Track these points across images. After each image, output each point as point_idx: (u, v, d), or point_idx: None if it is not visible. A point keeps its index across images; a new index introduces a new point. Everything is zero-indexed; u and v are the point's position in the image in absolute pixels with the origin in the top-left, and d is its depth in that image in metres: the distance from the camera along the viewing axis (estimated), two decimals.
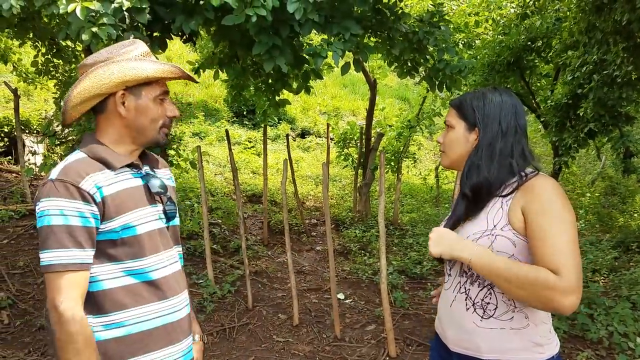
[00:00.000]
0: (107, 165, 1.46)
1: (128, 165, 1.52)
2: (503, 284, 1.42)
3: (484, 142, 1.56)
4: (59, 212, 1.37)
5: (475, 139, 1.60)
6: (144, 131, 1.53)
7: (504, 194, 1.51)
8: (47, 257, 1.36)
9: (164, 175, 1.68)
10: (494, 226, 1.49)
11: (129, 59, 1.47)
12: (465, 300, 1.58)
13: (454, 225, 1.59)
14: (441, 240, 1.52)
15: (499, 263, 1.42)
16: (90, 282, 1.43)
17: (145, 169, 1.58)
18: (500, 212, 1.50)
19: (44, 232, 1.38)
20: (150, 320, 1.50)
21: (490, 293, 1.53)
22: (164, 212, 1.58)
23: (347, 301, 4.99)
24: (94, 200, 1.40)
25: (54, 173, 1.42)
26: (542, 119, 8.45)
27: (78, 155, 1.48)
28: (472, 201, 1.55)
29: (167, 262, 1.57)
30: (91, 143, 1.50)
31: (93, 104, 1.49)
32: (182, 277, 1.65)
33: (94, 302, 1.45)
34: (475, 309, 1.55)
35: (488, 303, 1.53)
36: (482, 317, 1.54)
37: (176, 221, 1.68)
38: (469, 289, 1.57)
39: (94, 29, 2.79)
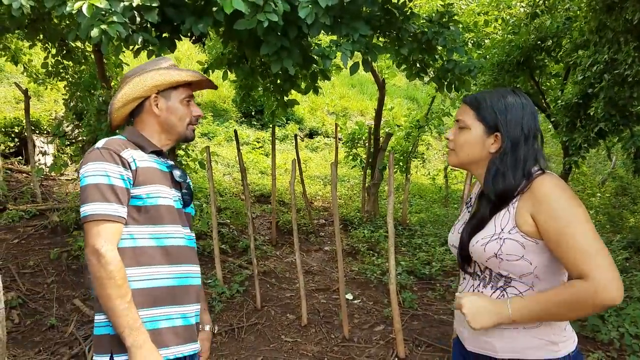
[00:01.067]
0: (141, 147, 1.77)
1: (157, 154, 1.82)
2: (554, 318, 1.44)
3: (508, 148, 1.53)
4: (104, 173, 1.62)
5: (492, 143, 1.56)
6: (174, 127, 1.85)
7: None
8: (91, 208, 1.60)
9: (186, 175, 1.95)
10: (502, 230, 1.49)
11: (159, 69, 1.81)
12: None
13: (480, 224, 1.55)
14: (478, 316, 1.47)
15: (535, 307, 1.42)
16: (124, 239, 1.66)
17: (172, 162, 1.87)
18: (507, 216, 1.50)
19: (89, 189, 1.62)
20: (159, 279, 1.70)
21: (503, 295, 1.52)
22: (182, 197, 1.84)
23: (355, 301, 4.98)
24: (130, 167, 1.67)
25: (99, 144, 1.70)
26: (552, 119, 8.39)
27: (119, 137, 1.78)
28: (498, 205, 1.53)
29: (182, 235, 1.80)
30: (131, 131, 1.83)
31: (133, 107, 1.83)
32: (194, 255, 1.87)
33: (125, 257, 1.64)
34: None
35: None
36: None
37: (190, 209, 1.91)
38: (482, 292, 1.57)
39: (103, 27, 2.80)
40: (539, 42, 7.92)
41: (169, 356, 1.68)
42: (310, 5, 3.21)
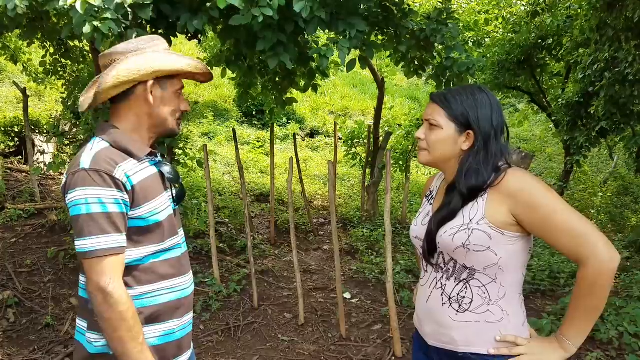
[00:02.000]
0: (131, 155, 1.54)
1: (147, 155, 1.61)
2: (599, 311, 1.46)
3: (481, 145, 1.56)
4: (97, 201, 1.43)
5: (464, 141, 1.58)
6: (164, 121, 1.63)
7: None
8: (89, 243, 1.43)
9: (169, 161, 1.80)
10: (470, 220, 1.52)
11: (159, 52, 1.58)
12: (441, 295, 1.60)
13: (449, 216, 1.57)
14: None
15: (582, 323, 1.46)
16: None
17: (157, 155, 1.67)
18: (476, 207, 1.53)
19: (83, 220, 1.43)
20: (167, 294, 1.61)
21: (466, 287, 1.55)
22: (173, 195, 1.69)
23: (353, 300, 4.95)
24: (125, 188, 1.48)
25: (86, 162, 1.47)
26: (553, 118, 8.37)
27: (101, 144, 1.54)
28: (468, 198, 1.55)
29: (179, 244, 1.69)
30: (110, 131, 1.56)
31: (124, 89, 1.55)
32: (188, 260, 1.76)
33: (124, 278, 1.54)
34: (451, 304, 1.58)
35: (464, 297, 1.56)
36: (457, 311, 1.56)
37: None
38: (445, 284, 1.59)
39: (96, 23, 2.78)
40: (539, 41, 7.91)
41: None
42: None
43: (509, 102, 14.90)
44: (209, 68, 1.67)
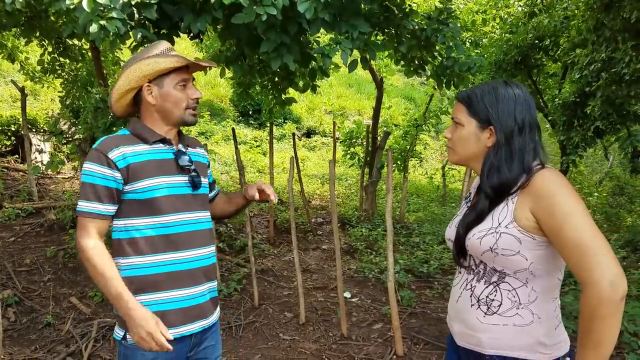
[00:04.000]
0: (144, 139, 1.84)
1: (163, 142, 1.88)
2: (611, 340, 1.32)
3: (502, 141, 1.51)
4: (90, 173, 1.76)
5: (488, 137, 1.54)
6: (170, 113, 1.87)
7: (511, 191, 1.49)
8: (79, 205, 1.78)
9: (198, 153, 2.05)
10: (499, 224, 1.47)
11: (147, 57, 1.81)
12: (470, 297, 1.57)
13: (477, 219, 1.53)
14: None
15: (592, 352, 1.32)
16: (121, 231, 1.81)
17: (180, 146, 1.93)
18: (505, 210, 1.48)
19: (82, 186, 1.79)
20: (162, 266, 1.81)
21: (496, 290, 1.51)
22: (191, 181, 1.89)
23: (353, 300, 4.97)
24: (117, 167, 1.75)
25: (96, 143, 1.81)
26: (549, 118, 8.40)
27: (121, 133, 1.88)
28: (494, 199, 1.51)
29: (189, 221, 1.87)
30: (135, 124, 1.89)
31: (129, 98, 1.88)
32: (204, 236, 1.93)
33: (121, 247, 1.81)
34: (479, 306, 1.54)
35: (493, 300, 1.51)
36: (485, 313, 1.53)
37: (203, 190, 1.97)
38: (475, 286, 1.56)
39: (102, 22, 2.78)
40: (536, 41, 7.93)
41: (175, 335, 1.79)
42: (309, 0, 3.19)
43: None
44: (191, 59, 1.87)
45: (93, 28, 2.76)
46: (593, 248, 1.31)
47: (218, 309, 2.05)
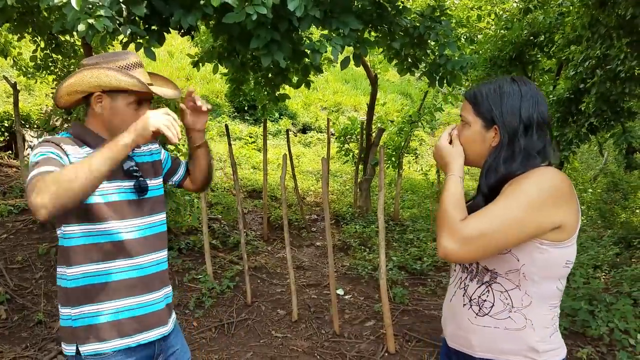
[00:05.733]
0: (87, 144, 1.74)
1: None
2: (439, 204, 1.45)
3: (505, 140, 1.46)
4: (45, 152, 1.60)
5: (493, 137, 1.49)
6: (116, 130, 1.68)
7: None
8: (32, 173, 1.55)
9: (144, 153, 1.92)
10: None
11: (112, 68, 1.69)
12: (463, 296, 1.55)
13: None
14: None
15: (449, 192, 1.46)
16: (67, 238, 1.71)
17: None
18: None
19: (32, 164, 1.59)
20: (112, 274, 1.74)
21: (488, 291, 1.48)
22: (137, 186, 1.80)
23: (346, 297, 4.97)
24: (69, 158, 1.65)
25: (43, 139, 1.70)
26: None
27: (63, 136, 1.76)
28: (490, 197, 1.46)
29: (136, 228, 1.79)
30: (78, 128, 1.79)
31: (76, 98, 1.76)
32: (155, 241, 1.86)
33: (66, 255, 1.71)
34: (471, 306, 1.52)
35: (485, 300, 1.49)
36: (476, 314, 1.50)
37: (153, 193, 1.88)
38: (468, 285, 1.54)
39: (90, 21, 2.76)
40: (531, 38, 7.94)
41: (130, 344, 1.76)
42: None
43: None
44: (157, 88, 1.79)
45: (80, 27, 2.73)
46: (491, 218, 1.35)
47: (174, 314, 2.00)
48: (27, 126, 8.30)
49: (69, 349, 1.74)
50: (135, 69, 1.75)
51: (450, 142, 1.60)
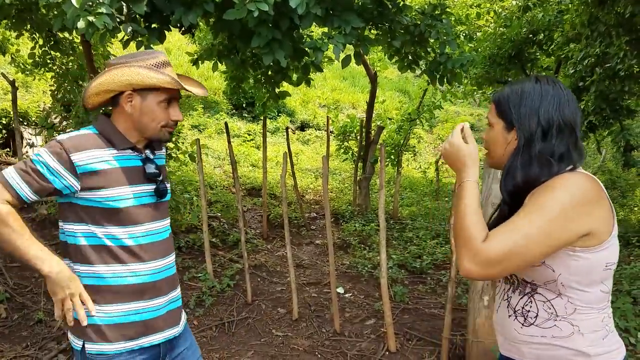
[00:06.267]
0: (112, 144, 1.74)
1: (131, 148, 1.79)
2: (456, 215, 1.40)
3: (521, 143, 1.41)
4: (43, 163, 1.63)
5: (514, 139, 1.44)
6: (145, 128, 1.77)
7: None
8: (11, 169, 1.64)
9: (162, 155, 1.97)
10: None
11: (142, 66, 1.71)
12: (507, 307, 1.53)
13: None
14: None
15: (467, 201, 1.40)
16: (80, 237, 1.72)
17: (147, 152, 1.85)
18: None
19: (25, 161, 1.65)
20: (125, 277, 1.75)
21: (531, 301, 1.45)
22: (157, 190, 1.83)
23: (346, 295, 4.97)
24: (76, 172, 1.64)
25: (63, 136, 1.69)
26: None
27: (89, 130, 1.76)
28: (513, 205, 1.43)
29: (156, 231, 1.83)
30: (104, 124, 1.78)
31: (106, 97, 1.77)
32: (166, 245, 1.89)
33: (82, 253, 1.72)
34: (516, 317, 1.50)
35: (529, 311, 1.46)
36: (522, 325, 1.48)
37: (167, 197, 1.91)
38: (511, 297, 1.51)
39: (90, 18, 2.75)
40: (530, 35, 7.94)
41: (134, 347, 1.78)
42: None
43: None
44: (191, 84, 1.84)
45: (80, 24, 2.72)
46: (514, 234, 1.30)
47: (184, 315, 2.02)
48: (25, 123, 8.27)
49: (76, 342, 1.77)
50: (165, 68, 1.77)
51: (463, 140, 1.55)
